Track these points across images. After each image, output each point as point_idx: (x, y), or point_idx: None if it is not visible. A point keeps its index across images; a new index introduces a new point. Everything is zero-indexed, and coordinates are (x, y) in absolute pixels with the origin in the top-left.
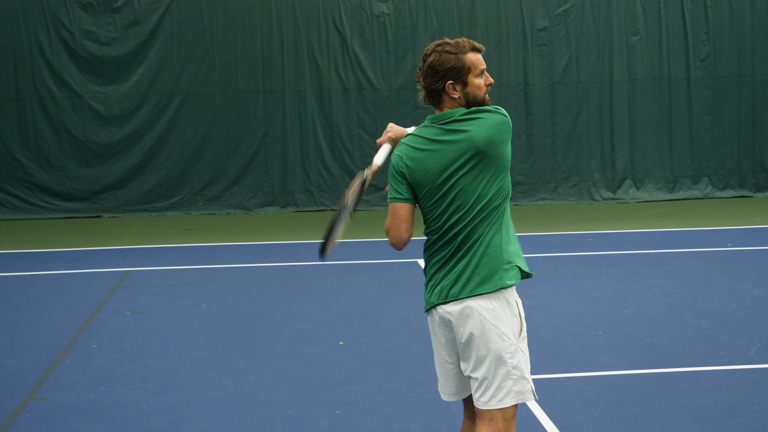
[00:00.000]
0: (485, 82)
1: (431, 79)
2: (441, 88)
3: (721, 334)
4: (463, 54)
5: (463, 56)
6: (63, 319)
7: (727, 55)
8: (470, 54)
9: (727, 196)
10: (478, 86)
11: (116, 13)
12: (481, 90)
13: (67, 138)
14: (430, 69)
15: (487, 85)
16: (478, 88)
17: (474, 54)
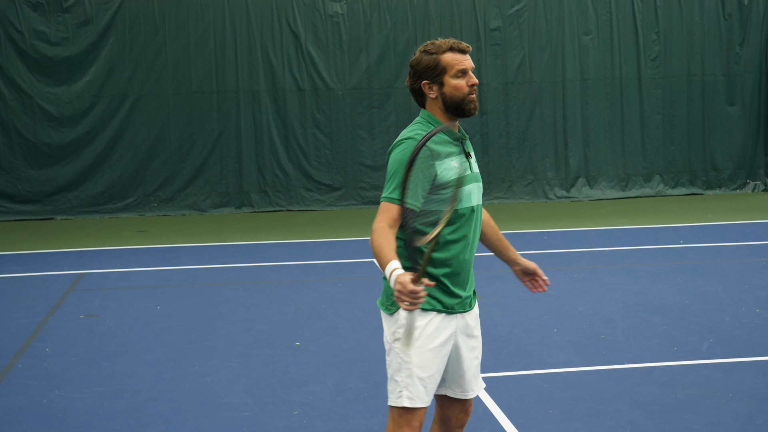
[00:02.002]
0: (467, 83)
1: (410, 78)
2: (417, 88)
3: (674, 330)
4: (440, 54)
5: (439, 56)
6: (15, 323)
7: (677, 55)
8: (447, 54)
9: (678, 193)
10: (456, 87)
11: (66, 13)
12: (459, 91)
13: (17, 139)
14: (410, 68)
15: (470, 86)
16: (455, 88)
17: (452, 54)
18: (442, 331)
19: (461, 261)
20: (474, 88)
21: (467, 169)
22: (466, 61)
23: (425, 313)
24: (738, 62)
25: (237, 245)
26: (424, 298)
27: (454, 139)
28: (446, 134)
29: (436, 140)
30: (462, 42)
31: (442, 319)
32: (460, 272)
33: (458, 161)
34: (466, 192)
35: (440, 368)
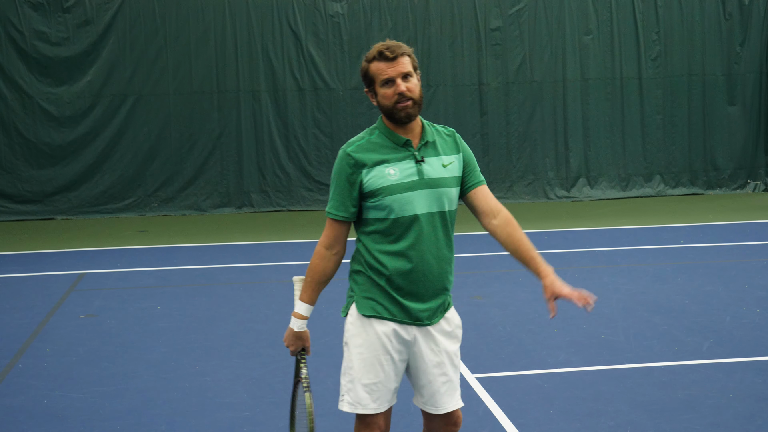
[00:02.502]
0: (394, 91)
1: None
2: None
3: (675, 330)
4: (369, 63)
5: (368, 65)
6: (16, 323)
7: (677, 55)
8: (374, 63)
9: (679, 193)
10: (384, 95)
11: (67, 13)
12: (387, 99)
13: (18, 140)
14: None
15: (397, 94)
16: (383, 97)
17: (377, 63)
18: (388, 339)
19: (410, 273)
20: (402, 96)
21: (412, 176)
22: (392, 68)
23: (368, 319)
24: (739, 62)
25: (237, 245)
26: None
27: (399, 144)
28: (388, 139)
29: (366, 147)
30: (392, 46)
31: (389, 326)
32: (411, 285)
33: (398, 168)
34: (405, 199)
35: (391, 376)
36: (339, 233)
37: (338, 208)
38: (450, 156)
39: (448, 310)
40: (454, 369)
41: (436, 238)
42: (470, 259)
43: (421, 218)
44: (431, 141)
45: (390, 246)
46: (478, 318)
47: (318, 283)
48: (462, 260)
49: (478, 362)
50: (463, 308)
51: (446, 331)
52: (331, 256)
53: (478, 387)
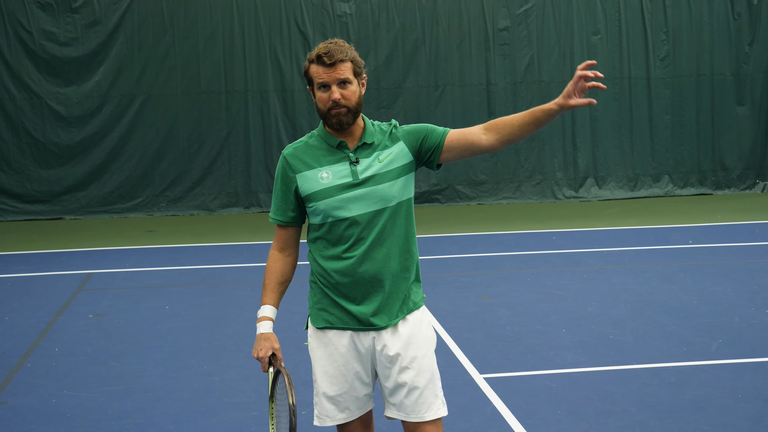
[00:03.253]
0: (329, 97)
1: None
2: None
3: (683, 331)
4: (309, 63)
5: (309, 66)
6: (24, 323)
7: (686, 55)
8: (312, 66)
9: (687, 193)
10: (319, 99)
11: (76, 13)
12: (323, 104)
13: (26, 139)
14: None
15: (333, 101)
16: (319, 101)
17: (315, 66)
18: (346, 349)
19: (355, 277)
20: (338, 103)
21: (345, 178)
22: (328, 74)
23: (322, 331)
24: (747, 62)
25: (245, 245)
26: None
27: (334, 146)
28: (324, 142)
29: (303, 150)
30: (332, 50)
31: (346, 335)
32: (357, 289)
33: (332, 171)
34: (338, 202)
35: (356, 385)
36: (287, 237)
37: (276, 213)
38: (387, 149)
39: (413, 311)
40: (420, 375)
41: (381, 237)
42: (478, 259)
43: (359, 219)
44: (370, 142)
45: (332, 251)
46: (485, 318)
47: (276, 284)
48: (469, 260)
49: (485, 362)
50: (471, 308)
51: (406, 333)
52: (285, 258)
53: (486, 387)
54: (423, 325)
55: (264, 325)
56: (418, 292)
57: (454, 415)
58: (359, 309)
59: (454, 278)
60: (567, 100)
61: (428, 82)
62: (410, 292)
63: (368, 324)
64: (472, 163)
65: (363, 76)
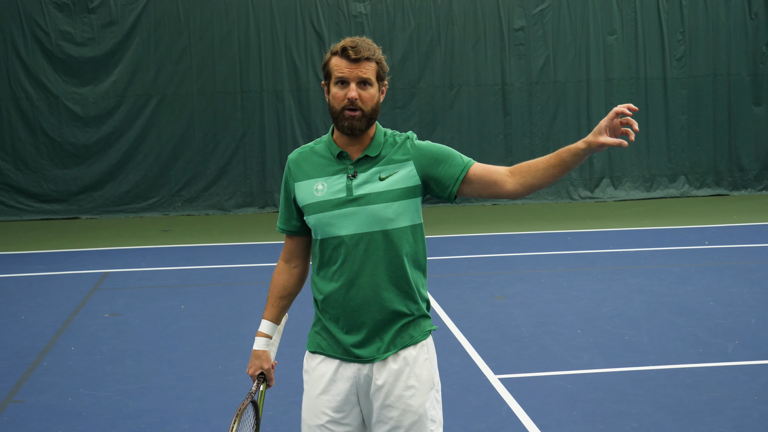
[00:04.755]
0: (346, 95)
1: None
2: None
3: (699, 332)
4: (332, 55)
5: (331, 57)
6: (41, 322)
7: (702, 55)
8: (335, 58)
9: (703, 194)
10: (334, 96)
11: (92, 14)
12: (337, 102)
13: (43, 139)
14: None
15: (349, 99)
16: (333, 98)
17: (338, 59)
18: (332, 380)
19: (342, 301)
20: (354, 104)
21: (339, 193)
22: (350, 70)
23: (313, 356)
24: (764, 62)
25: (260, 245)
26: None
27: (335, 156)
28: (328, 149)
29: (306, 157)
30: (360, 45)
31: (334, 364)
32: (344, 316)
33: (327, 183)
34: (329, 219)
35: (339, 420)
36: (293, 247)
37: (281, 221)
38: (393, 165)
39: (409, 346)
40: (405, 418)
41: (374, 263)
42: (493, 260)
43: (347, 240)
44: (374, 155)
45: (323, 271)
46: (500, 319)
47: (278, 298)
48: (484, 260)
49: (500, 363)
50: (486, 309)
51: (395, 369)
52: (290, 270)
53: (500, 388)
54: (419, 362)
55: (259, 342)
56: (420, 326)
57: (470, 415)
58: (346, 338)
59: (469, 278)
60: (597, 137)
61: (443, 82)
62: (408, 325)
63: (354, 355)
64: (487, 163)
65: (385, 83)
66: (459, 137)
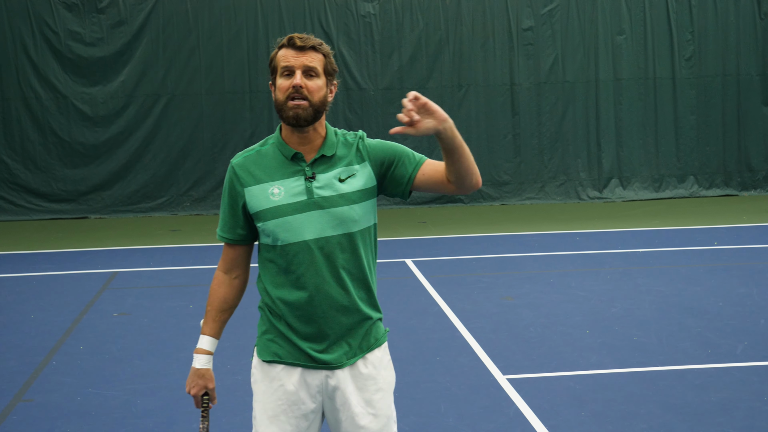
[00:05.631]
0: (291, 84)
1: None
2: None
3: (708, 333)
4: (277, 49)
5: (276, 52)
6: (50, 321)
7: (711, 55)
8: (281, 51)
9: (713, 194)
10: (279, 87)
11: (101, 14)
12: (282, 92)
13: (52, 139)
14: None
15: (294, 86)
16: (279, 89)
17: (284, 50)
18: (294, 387)
19: (306, 311)
20: (300, 92)
21: (299, 196)
22: (296, 58)
23: (270, 365)
24: None
25: None
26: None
27: (289, 158)
28: (279, 152)
29: (253, 160)
30: (306, 36)
31: (295, 372)
32: (308, 324)
33: (284, 187)
34: (291, 223)
35: (300, 428)
36: (234, 257)
37: (223, 229)
38: (351, 167)
39: (373, 349)
40: (375, 420)
41: (337, 267)
42: (501, 260)
43: (312, 245)
44: (329, 155)
45: (282, 278)
46: (509, 319)
47: (219, 311)
48: (493, 261)
49: (509, 363)
50: (494, 309)
51: (365, 373)
52: (231, 281)
53: (509, 388)
54: (383, 364)
55: (200, 360)
56: (380, 328)
57: (477, 415)
58: (311, 345)
59: (478, 279)
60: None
61: (452, 82)
62: (372, 328)
63: (321, 362)
64: (495, 163)
65: (334, 82)
66: (467, 137)
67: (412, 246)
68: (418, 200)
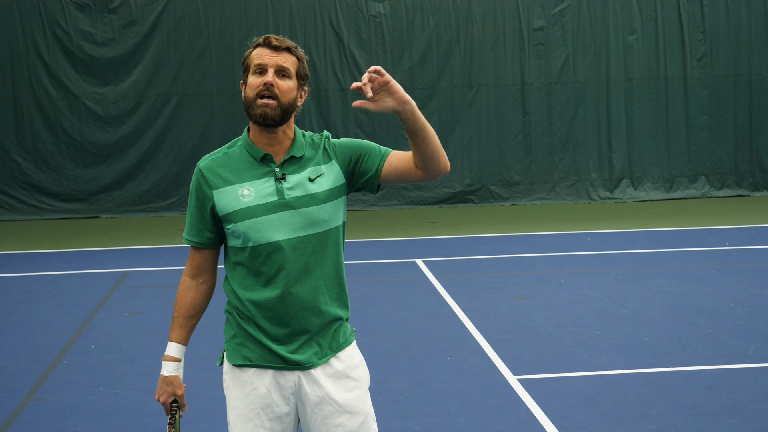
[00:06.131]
0: (262, 81)
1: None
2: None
3: (719, 333)
4: (252, 48)
5: (251, 51)
6: (61, 320)
7: (723, 54)
8: (255, 50)
9: (724, 195)
10: (250, 85)
11: (113, 14)
12: (252, 89)
13: (64, 139)
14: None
15: (265, 83)
16: (249, 87)
17: (258, 49)
18: (266, 390)
19: (278, 309)
20: (270, 90)
21: (270, 196)
22: (270, 57)
23: (240, 369)
24: None
25: None
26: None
27: (258, 159)
28: (247, 153)
29: (221, 162)
30: (281, 38)
31: (266, 374)
32: (280, 326)
33: (254, 188)
34: (262, 224)
35: (277, 430)
36: (202, 261)
37: (191, 233)
38: (320, 167)
39: (344, 348)
40: (352, 419)
41: (309, 267)
42: (512, 260)
43: (284, 245)
44: (299, 156)
45: (252, 280)
46: (519, 319)
47: (186, 317)
48: (504, 261)
49: (519, 364)
50: (505, 309)
51: (339, 371)
52: (198, 286)
53: (519, 389)
54: (356, 362)
55: (168, 367)
56: (347, 328)
57: (488, 416)
58: (281, 346)
59: (488, 279)
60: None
61: (462, 82)
62: (341, 327)
63: (293, 363)
64: (506, 163)
65: (305, 87)
66: (478, 137)
67: (423, 246)
68: (428, 200)
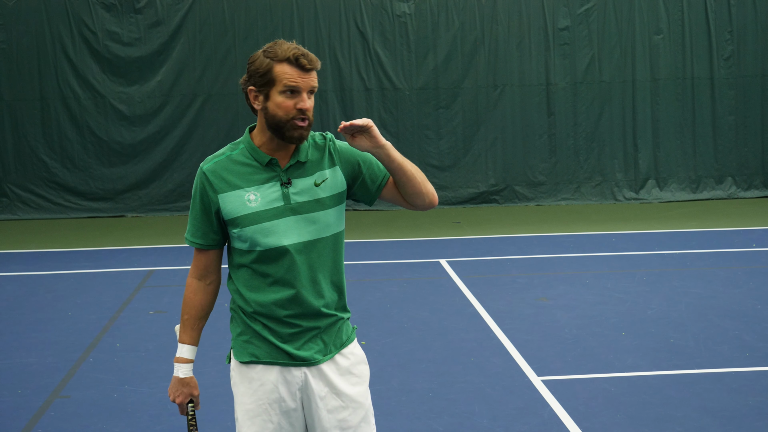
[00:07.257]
0: (295, 105)
1: (244, 76)
2: (245, 91)
3: (746, 335)
4: (275, 61)
5: (273, 63)
6: (87, 318)
7: (751, 54)
8: (282, 65)
9: (751, 196)
10: (279, 105)
11: (139, 14)
12: (283, 111)
13: (90, 138)
14: (247, 64)
15: (298, 109)
16: (277, 106)
17: (288, 67)
18: (273, 386)
19: (284, 309)
20: (305, 114)
21: (276, 201)
22: (303, 79)
23: (248, 366)
24: None
25: None
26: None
27: (263, 164)
28: (252, 157)
29: (224, 166)
30: (310, 55)
31: (273, 370)
32: (287, 325)
33: (260, 193)
34: (269, 229)
35: (284, 427)
36: (207, 262)
37: (195, 235)
38: (325, 171)
39: (347, 345)
40: (354, 414)
41: (313, 270)
42: (536, 261)
43: (291, 249)
44: (303, 160)
45: (258, 282)
46: (544, 320)
47: (196, 319)
48: (528, 261)
49: (543, 364)
50: (529, 310)
51: (343, 367)
52: (205, 287)
53: (543, 390)
54: (358, 358)
55: (183, 368)
56: (349, 326)
57: (512, 417)
58: (287, 344)
59: (512, 279)
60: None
61: (487, 82)
62: (343, 326)
63: (299, 359)
64: (530, 164)
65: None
66: (503, 137)
67: (447, 246)
68: (452, 200)
